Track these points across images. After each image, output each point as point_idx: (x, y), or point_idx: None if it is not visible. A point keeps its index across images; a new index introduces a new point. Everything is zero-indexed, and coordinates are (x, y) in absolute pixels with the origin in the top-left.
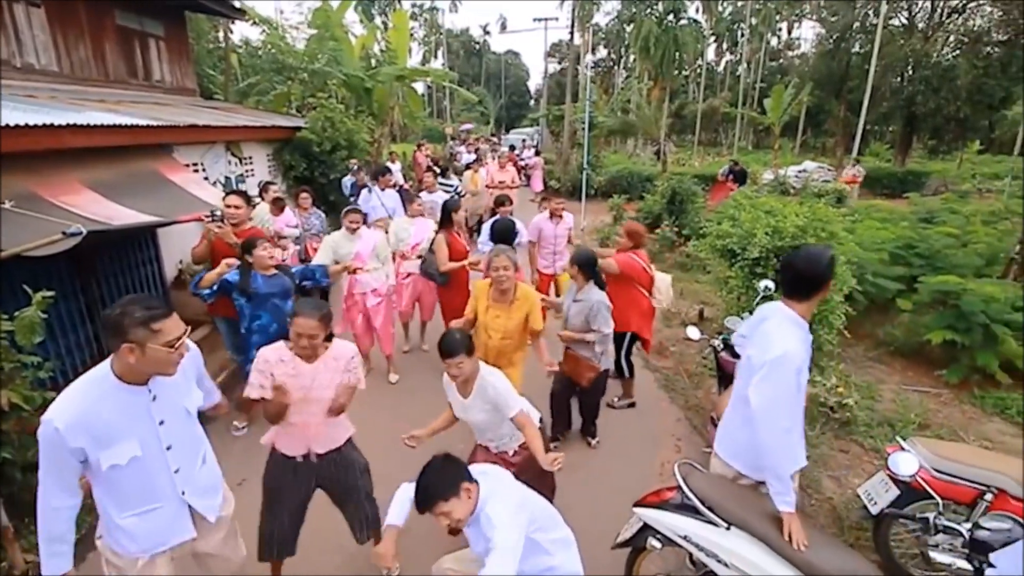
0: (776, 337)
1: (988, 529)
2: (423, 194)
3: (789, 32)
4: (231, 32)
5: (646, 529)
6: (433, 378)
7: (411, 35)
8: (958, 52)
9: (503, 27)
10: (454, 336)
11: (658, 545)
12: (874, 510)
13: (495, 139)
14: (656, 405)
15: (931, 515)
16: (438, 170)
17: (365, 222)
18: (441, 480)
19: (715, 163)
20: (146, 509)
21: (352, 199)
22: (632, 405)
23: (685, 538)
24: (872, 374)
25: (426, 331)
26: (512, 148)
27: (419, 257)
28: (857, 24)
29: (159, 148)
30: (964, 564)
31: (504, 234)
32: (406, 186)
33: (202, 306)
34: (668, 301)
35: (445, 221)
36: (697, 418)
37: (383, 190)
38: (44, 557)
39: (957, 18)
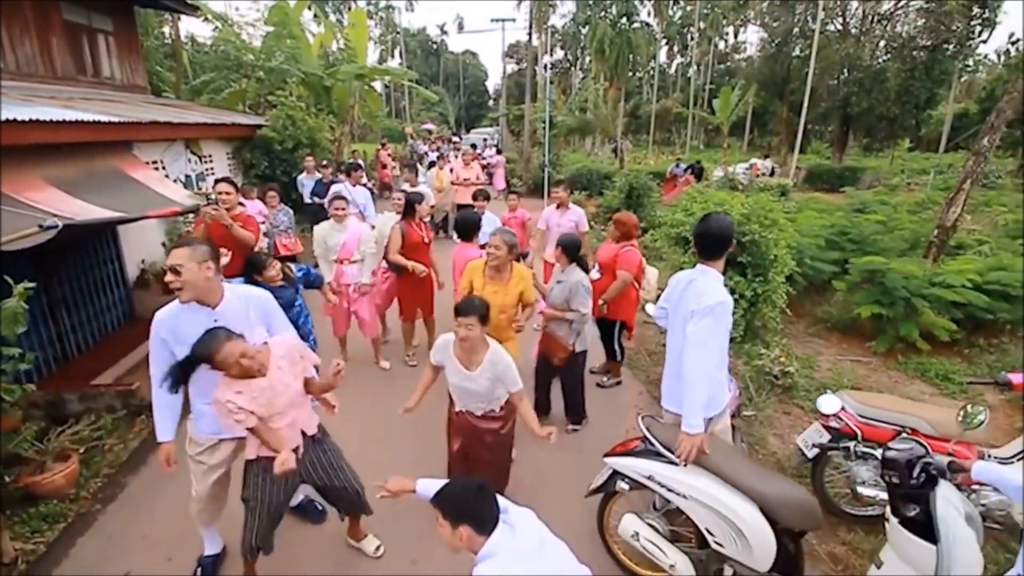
0: (712, 289)
1: (896, 449)
2: (406, 185)
3: (736, 36)
4: (180, 29)
5: (615, 475)
6: (405, 369)
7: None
8: (888, 56)
9: (460, 27)
10: (474, 300)
11: (626, 487)
12: (810, 454)
13: (456, 139)
14: (622, 380)
15: (852, 444)
16: (417, 166)
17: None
18: (475, 503)
19: (669, 160)
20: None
21: (314, 197)
22: (619, 383)
23: (649, 477)
24: (811, 347)
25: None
26: (474, 147)
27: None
28: (797, 29)
29: (119, 145)
30: (884, 495)
31: (466, 228)
32: (369, 184)
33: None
34: (654, 293)
35: (407, 212)
36: (656, 391)
37: (353, 185)
38: (156, 426)
39: (886, 24)
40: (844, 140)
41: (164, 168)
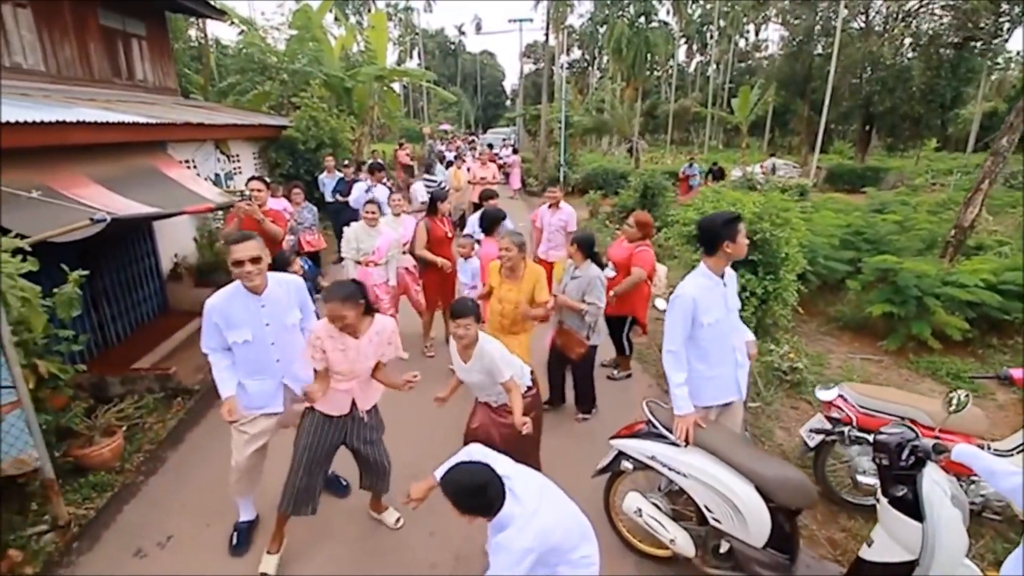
0: (683, 282)
1: (887, 432)
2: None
3: (756, 34)
4: (205, 32)
5: (620, 456)
6: (414, 359)
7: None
8: (912, 54)
9: (478, 28)
10: (467, 302)
11: (630, 467)
12: (811, 442)
13: (474, 139)
14: (632, 374)
15: (846, 429)
16: (412, 168)
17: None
18: (477, 500)
19: (686, 160)
20: (256, 378)
21: (336, 195)
22: (629, 376)
23: (652, 458)
24: (823, 345)
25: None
26: (490, 147)
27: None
28: (818, 27)
29: (155, 145)
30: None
31: (491, 222)
32: (389, 184)
33: (197, 299)
34: (664, 289)
35: (431, 209)
36: (666, 384)
37: (375, 185)
38: (218, 386)
39: (910, 22)
40: (867, 140)
41: (195, 167)
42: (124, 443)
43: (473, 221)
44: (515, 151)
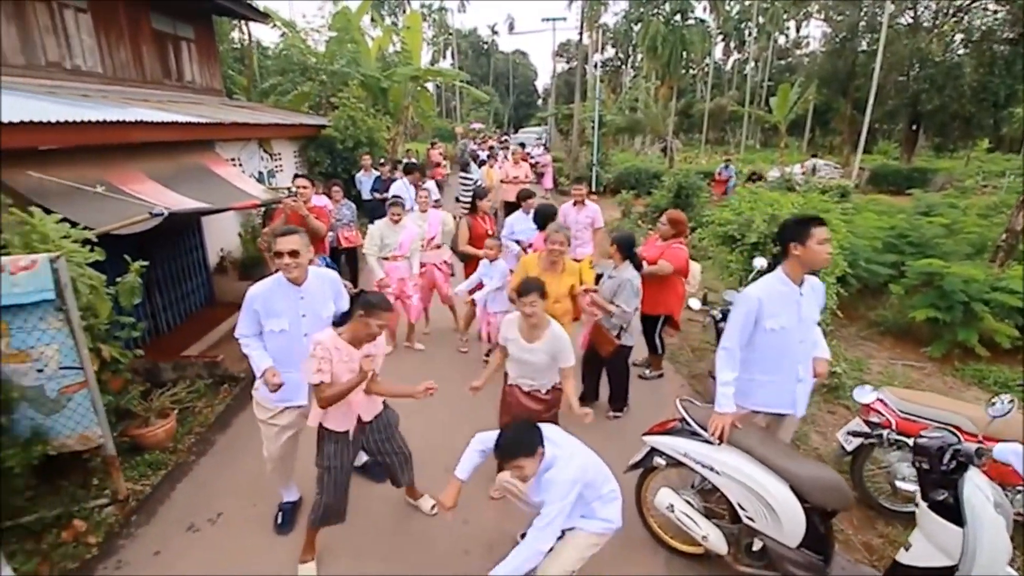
0: (754, 283)
1: (927, 436)
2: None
3: (797, 31)
4: (249, 35)
5: (652, 452)
6: (447, 352)
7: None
8: (963, 51)
9: (511, 27)
10: (531, 281)
11: (663, 463)
12: (848, 446)
13: (506, 138)
14: (664, 374)
15: (885, 432)
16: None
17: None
18: (524, 440)
19: (720, 161)
20: (285, 371)
21: (374, 193)
22: (660, 376)
23: (685, 455)
24: (863, 350)
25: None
26: (522, 146)
27: (436, 247)
28: (863, 23)
29: (204, 144)
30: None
31: (546, 219)
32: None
33: (241, 292)
34: (698, 288)
35: (472, 207)
36: (699, 384)
37: (411, 184)
38: (256, 362)
39: (962, 17)
40: (913, 140)
41: (241, 165)
42: (176, 425)
43: (510, 222)
44: (546, 150)
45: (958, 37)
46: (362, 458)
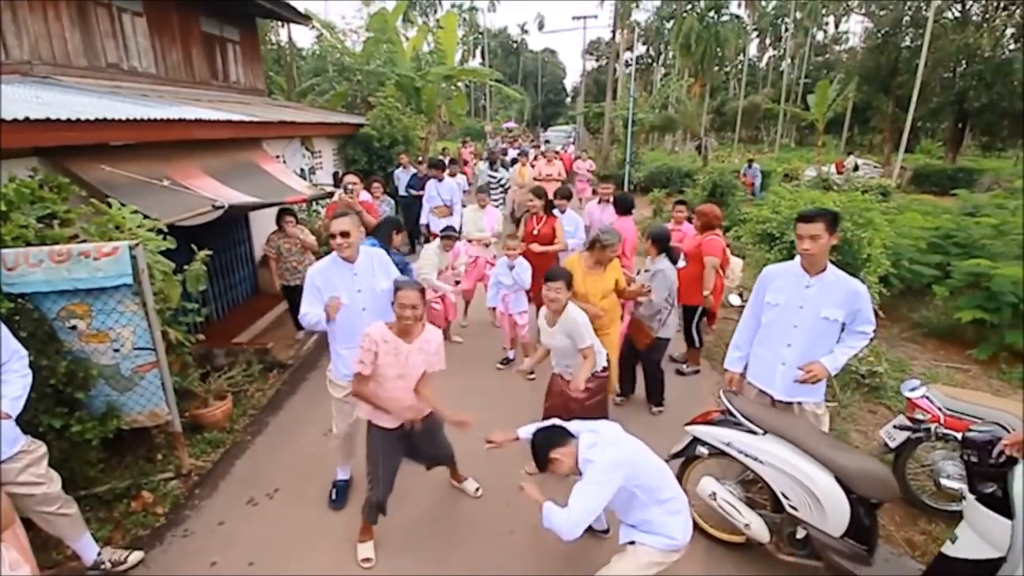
0: None
1: (977, 430)
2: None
3: (836, 26)
4: (284, 37)
5: (695, 442)
6: (484, 345)
7: None
8: (1015, 46)
9: (541, 26)
10: (559, 269)
11: (705, 452)
12: (892, 444)
13: (537, 143)
14: (701, 371)
15: (933, 426)
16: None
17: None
18: (553, 435)
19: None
20: (349, 346)
21: (409, 190)
22: (697, 371)
23: (728, 444)
24: (905, 352)
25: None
26: (547, 143)
27: (486, 245)
28: (907, 18)
29: (253, 141)
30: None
31: (625, 205)
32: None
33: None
34: (738, 283)
35: (548, 206)
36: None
37: (440, 181)
38: (321, 316)
39: (1013, 10)
40: (959, 138)
41: (285, 162)
42: (232, 407)
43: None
44: (581, 153)
45: (1009, 31)
46: None
